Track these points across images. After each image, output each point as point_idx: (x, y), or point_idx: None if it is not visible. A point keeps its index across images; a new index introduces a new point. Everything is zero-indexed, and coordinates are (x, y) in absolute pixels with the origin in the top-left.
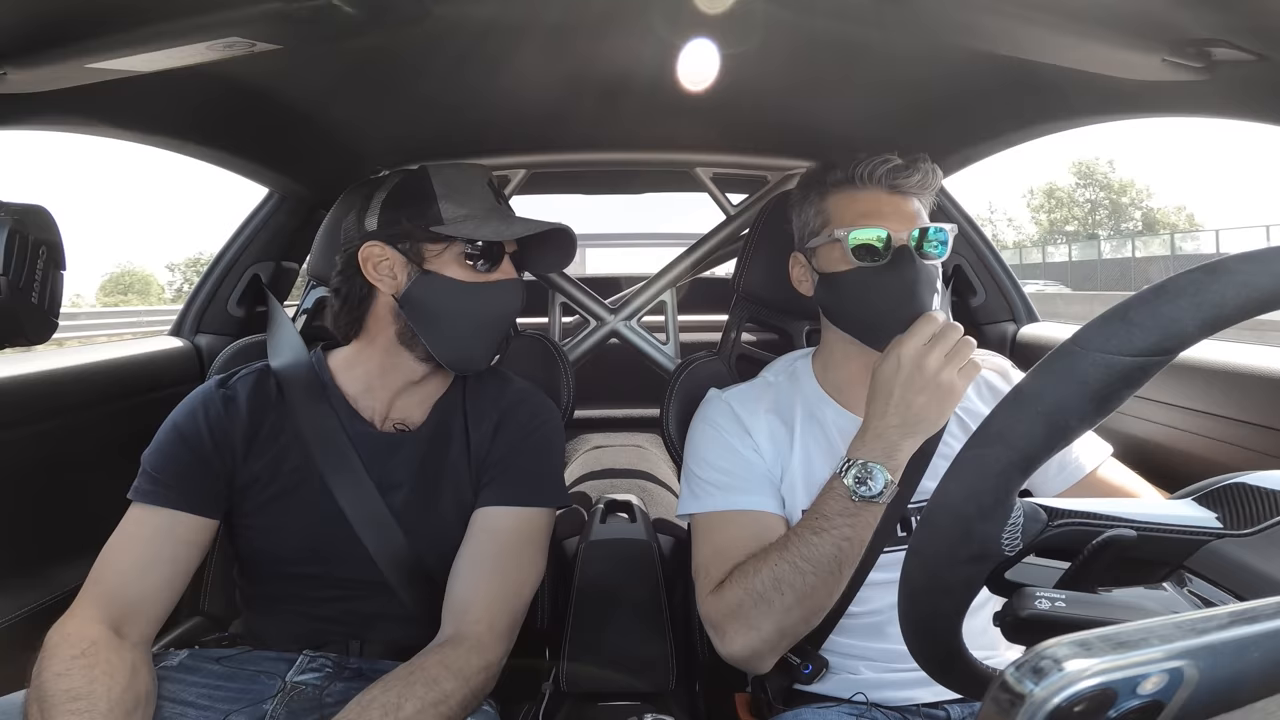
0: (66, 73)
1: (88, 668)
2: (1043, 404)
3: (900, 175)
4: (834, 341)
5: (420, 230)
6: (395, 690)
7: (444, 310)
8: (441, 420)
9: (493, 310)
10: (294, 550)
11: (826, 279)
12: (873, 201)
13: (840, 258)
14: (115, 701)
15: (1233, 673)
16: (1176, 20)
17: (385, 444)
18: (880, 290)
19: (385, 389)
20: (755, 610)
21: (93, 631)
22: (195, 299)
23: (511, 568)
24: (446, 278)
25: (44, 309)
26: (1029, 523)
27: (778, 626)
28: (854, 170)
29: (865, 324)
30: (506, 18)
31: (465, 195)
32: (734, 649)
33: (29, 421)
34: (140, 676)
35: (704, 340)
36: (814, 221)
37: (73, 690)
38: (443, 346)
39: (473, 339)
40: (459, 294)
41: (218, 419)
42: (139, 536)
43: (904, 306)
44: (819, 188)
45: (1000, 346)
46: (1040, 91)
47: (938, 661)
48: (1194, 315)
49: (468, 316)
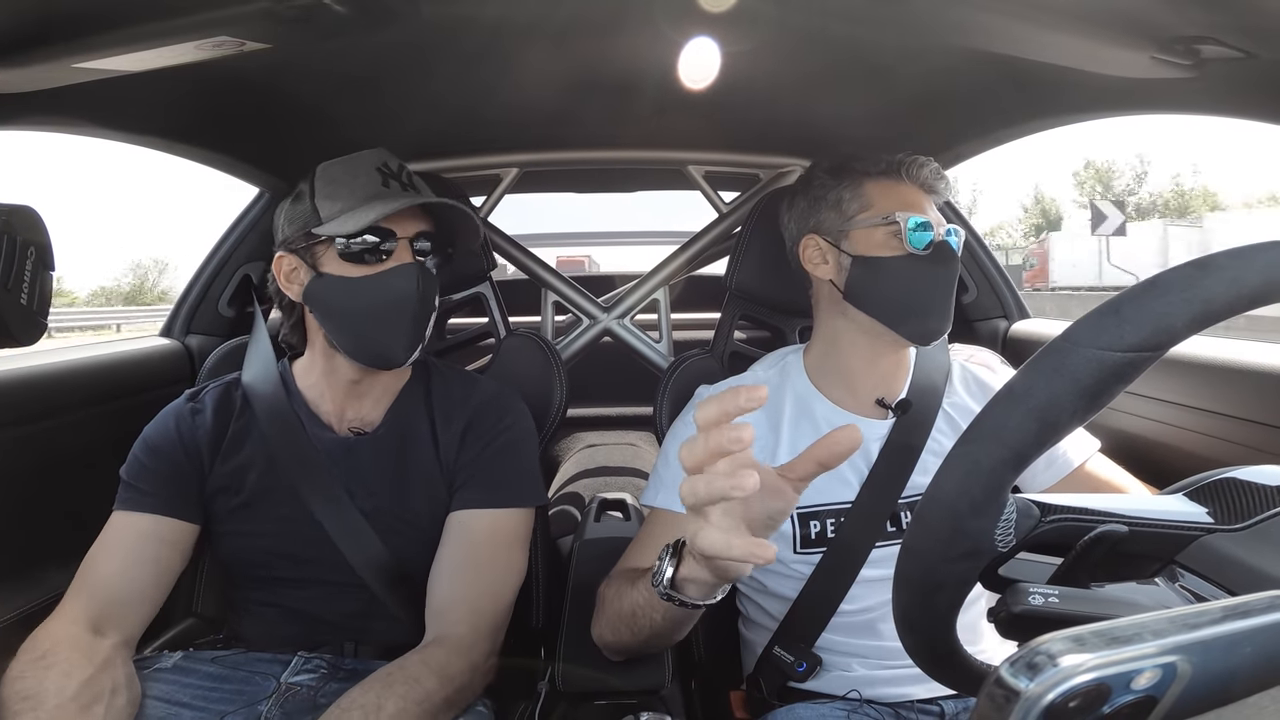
0: (54, 72)
1: (44, 669)
2: (1034, 400)
3: (936, 178)
4: (840, 331)
5: (300, 234)
6: (375, 691)
7: (338, 308)
8: (401, 420)
9: (383, 300)
10: (269, 555)
11: (864, 262)
12: (915, 195)
13: (883, 242)
14: (68, 698)
15: (1225, 668)
16: (1165, 18)
17: (344, 447)
18: (924, 279)
19: (333, 392)
20: (612, 625)
21: (66, 631)
22: (186, 299)
23: (489, 570)
24: (335, 276)
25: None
26: (1022, 519)
27: (626, 646)
28: (898, 164)
29: (899, 310)
30: (495, 17)
31: (343, 188)
32: (595, 637)
33: (18, 423)
34: (110, 673)
35: (697, 338)
36: (850, 205)
37: (23, 691)
38: (350, 345)
39: (376, 333)
40: (346, 290)
41: (187, 429)
42: (121, 540)
43: (942, 298)
44: (854, 174)
45: (992, 343)
46: (1031, 89)
47: (932, 658)
48: (1184, 311)
49: (360, 311)
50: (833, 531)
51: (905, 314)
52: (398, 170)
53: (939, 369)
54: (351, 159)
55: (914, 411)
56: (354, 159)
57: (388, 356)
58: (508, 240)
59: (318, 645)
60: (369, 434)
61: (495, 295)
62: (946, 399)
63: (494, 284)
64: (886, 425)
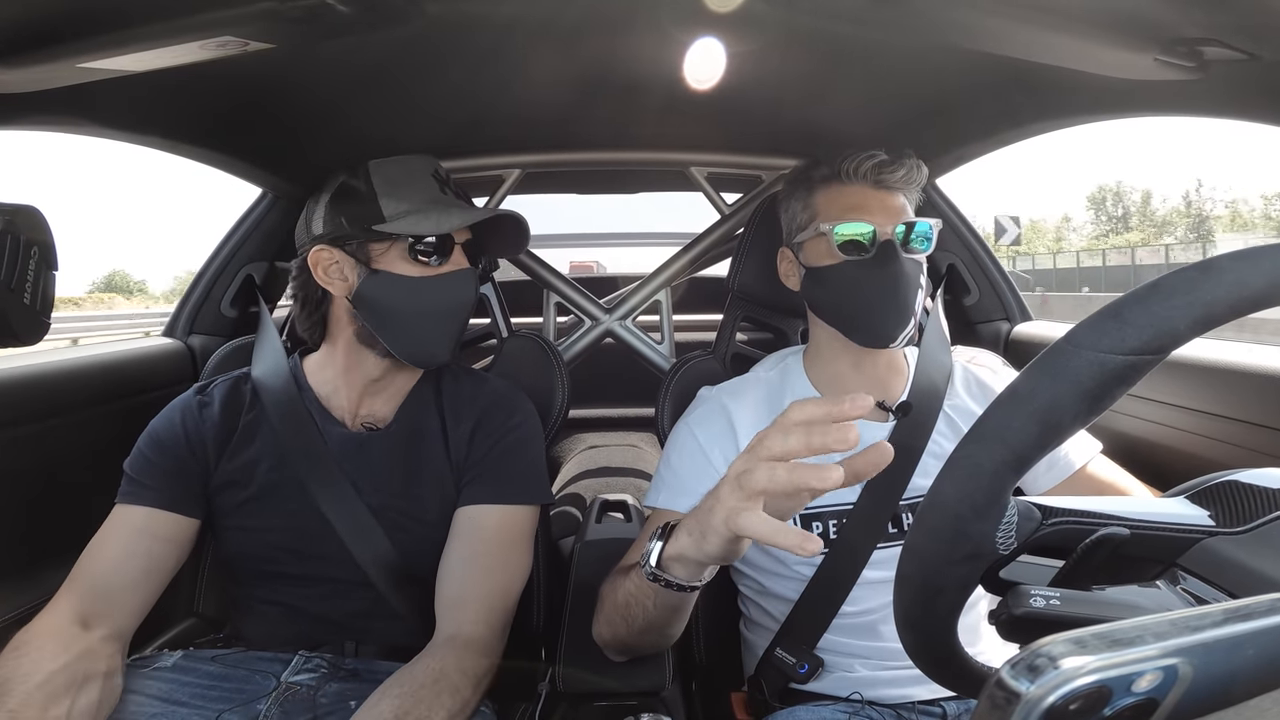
0: (58, 72)
1: (17, 659)
2: (1036, 403)
3: (885, 170)
4: (822, 337)
5: (361, 230)
6: (425, 703)
7: (396, 307)
8: (413, 417)
9: (445, 303)
10: (275, 551)
11: (812, 273)
12: (859, 196)
13: (826, 251)
14: (36, 685)
15: (1227, 670)
16: (1168, 20)
17: (356, 443)
18: (865, 284)
19: (350, 388)
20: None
21: (48, 624)
22: (188, 300)
23: (500, 565)
24: (395, 275)
25: (36, 309)
26: (1023, 521)
27: (623, 641)
28: (840, 166)
29: (849, 318)
30: (500, 17)
31: (405, 189)
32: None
33: (21, 422)
34: (86, 663)
35: (699, 340)
36: (801, 216)
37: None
38: (400, 343)
39: (429, 333)
40: (409, 290)
41: (193, 424)
42: (116, 534)
43: (888, 300)
44: (805, 183)
45: (994, 345)
46: (1033, 91)
47: (934, 660)
48: (1186, 314)
49: (420, 311)
50: (834, 533)
51: (853, 320)
52: (446, 178)
53: (941, 370)
54: (404, 161)
55: (915, 414)
56: (406, 161)
57: (433, 355)
58: None
59: (319, 644)
60: (381, 430)
61: (498, 296)
62: (948, 401)
63: (496, 285)
64: (887, 428)
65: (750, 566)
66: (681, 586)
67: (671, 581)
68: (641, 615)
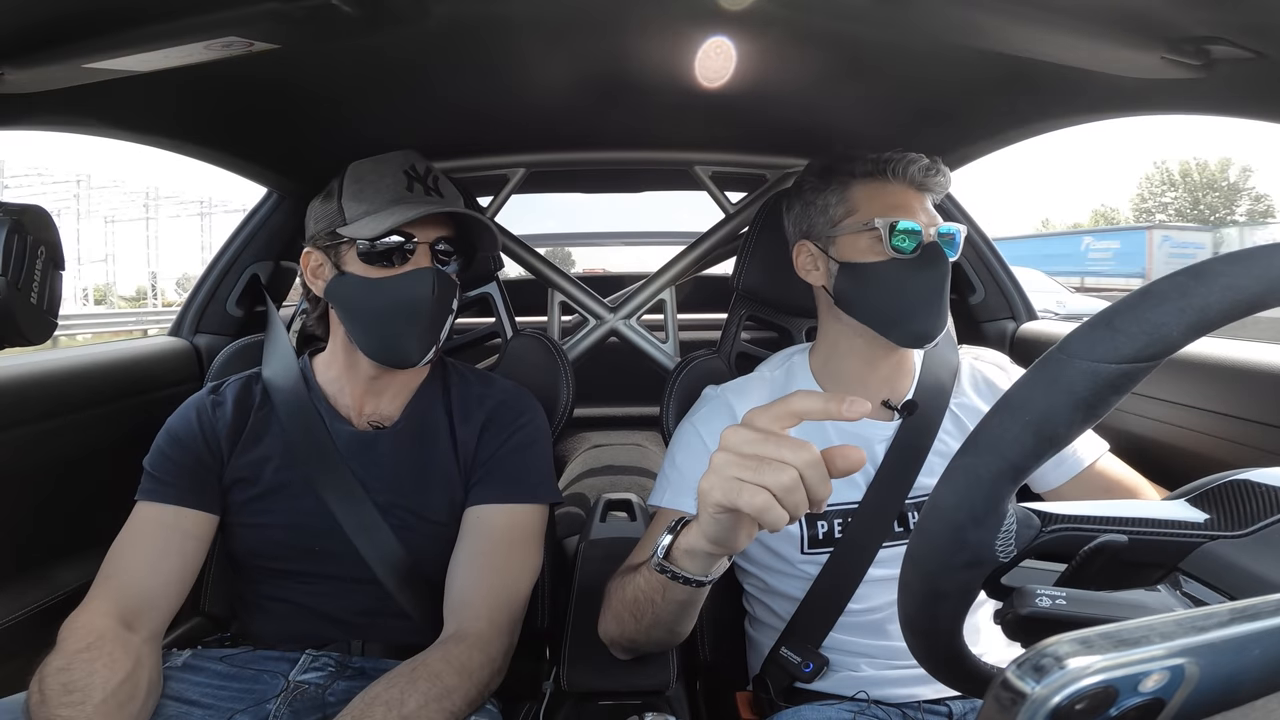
0: (64, 73)
1: (89, 661)
2: (1030, 413)
3: (928, 174)
4: (839, 334)
5: (324, 232)
6: (399, 686)
7: (356, 308)
8: (420, 416)
9: (399, 302)
10: (283, 548)
11: (850, 268)
12: (902, 196)
13: (868, 247)
14: (110, 693)
15: (1233, 670)
16: (1175, 18)
17: (364, 442)
18: (909, 283)
19: (352, 386)
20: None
21: (102, 624)
22: (194, 299)
23: (507, 564)
24: (356, 276)
25: (43, 309)
26: (1022, 529)
27: (630, 638)
28: (884, 163)
29: (887, 316)
30: (506, 17)
31: (370, 190)
32: (601, 632)
33: (28, 421)
34: (144, 669)
35: (703, 339)
36: (836, 210)
37: (70, 684)
38: (367, 344)
39: (391, 333)
40: (366, 290)
41: (207, 420)
42: (147, 532)
43: (932, 301)
44: (841, 176)
45: (1000, 344)
46: (1039, 90)
47: (939, 662)
48: (1179, 320)
49: (377, 311)
50: (840, 531)
51: (894, 319)
52: (424, 173)
53: (947, 369)
54: (380, 160)
55: (920, 412)
56: (383, 160)
57: (402, 356)
58: (514, 240)
59: (326, 643)
60: (387, 428)
61: (502, 295)
62: (954, 399)
63: (501, 284)
64: (893, 426)
65: (755, 565)
66: (689, 580)
67: (679, 574)
68: (650, 611)
